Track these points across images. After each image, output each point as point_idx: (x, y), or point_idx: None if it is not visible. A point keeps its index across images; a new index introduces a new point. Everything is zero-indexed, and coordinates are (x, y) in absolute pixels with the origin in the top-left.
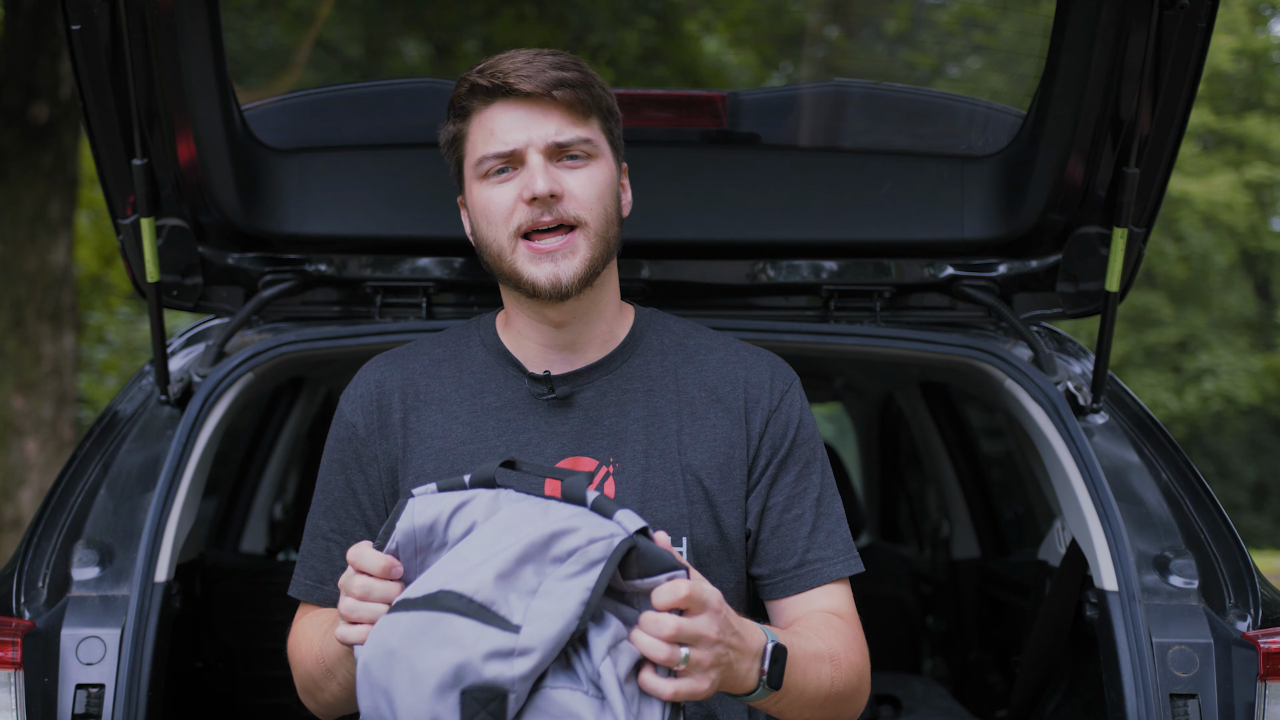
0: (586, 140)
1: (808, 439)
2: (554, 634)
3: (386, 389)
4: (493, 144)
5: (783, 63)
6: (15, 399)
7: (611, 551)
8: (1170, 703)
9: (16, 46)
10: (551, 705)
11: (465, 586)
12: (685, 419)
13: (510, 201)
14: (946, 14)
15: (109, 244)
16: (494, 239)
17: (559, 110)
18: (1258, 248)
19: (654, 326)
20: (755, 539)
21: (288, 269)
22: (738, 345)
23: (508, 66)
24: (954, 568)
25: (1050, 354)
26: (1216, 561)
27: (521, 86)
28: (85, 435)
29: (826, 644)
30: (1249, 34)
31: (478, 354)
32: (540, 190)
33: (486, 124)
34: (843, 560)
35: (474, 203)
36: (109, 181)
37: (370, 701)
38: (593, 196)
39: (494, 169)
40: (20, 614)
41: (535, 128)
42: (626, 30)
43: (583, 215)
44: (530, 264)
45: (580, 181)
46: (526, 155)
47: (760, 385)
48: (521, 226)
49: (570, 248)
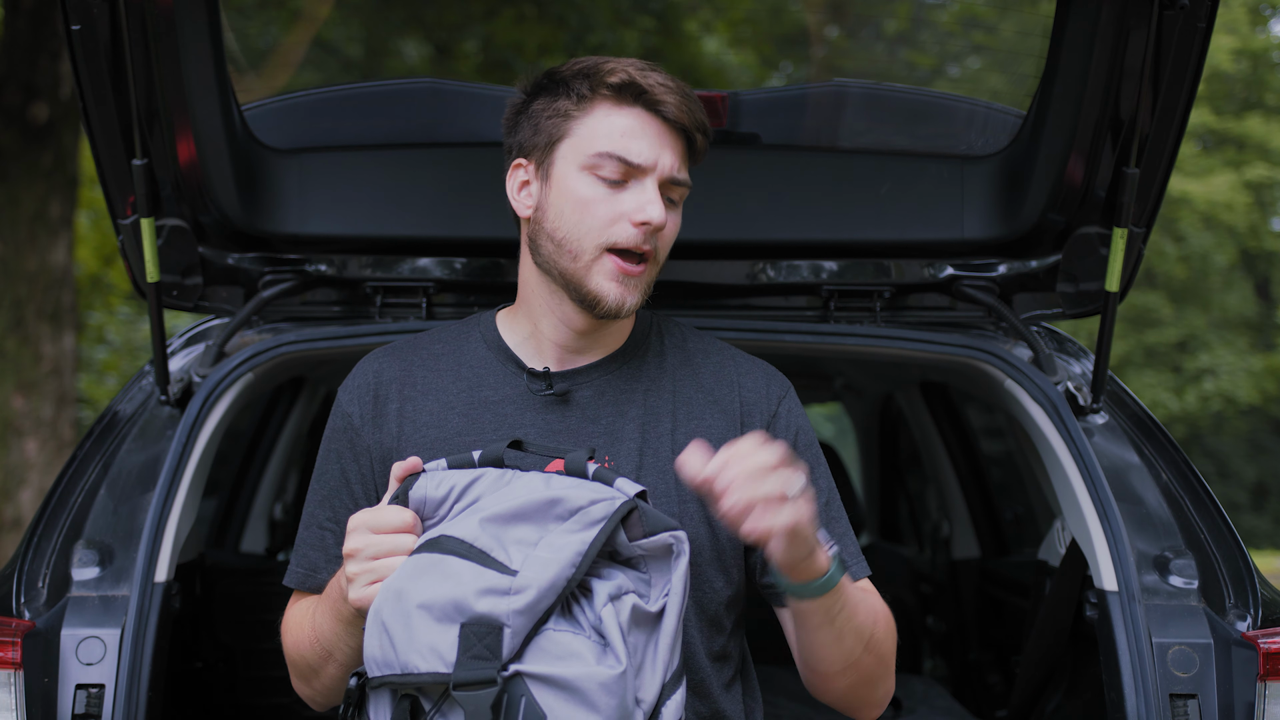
0: (687, 184)
1: (808, 445)
2: (549, 578)
3: (384, 379)
4: (625, 148)
5: (783, 63)
6: (15, 399)
7: (613, 511)
8: (1170, 703)
9: (16, 46)
10: (554, 645)
11: (464, 533)
12: (680, 419)
13: (616, 213)
14: (946, 14)
15: (109, 244)
16: (578, 239)
17: (681, 147)
18: (1258, 248)
19: (654, 329)
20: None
21: (288, 269)
22: (734, 352)
23: (655, 80)
24: (954, 568)
25: (1050, 354)
26: (1216, 561)
27: (667, 112)
28: (85, 435)
29: (863, 596)
30: (1249, 34)
31: (477, 349)
32: (658, 220)
33: (617, 121)
34: (854, 565)
35: (567, 190)
36: (109, 182)
37: (375, 642)
38: (671, 238)
39: (610, 169)
40: (20, 614)
41: (665, 154)
42: (626, 30)
43: (661, 252)
44: (606, 279)
45: (673, 221)
46: (646, 178)
47: (756, 390)
48: (618, 244)
49: (642, 277)
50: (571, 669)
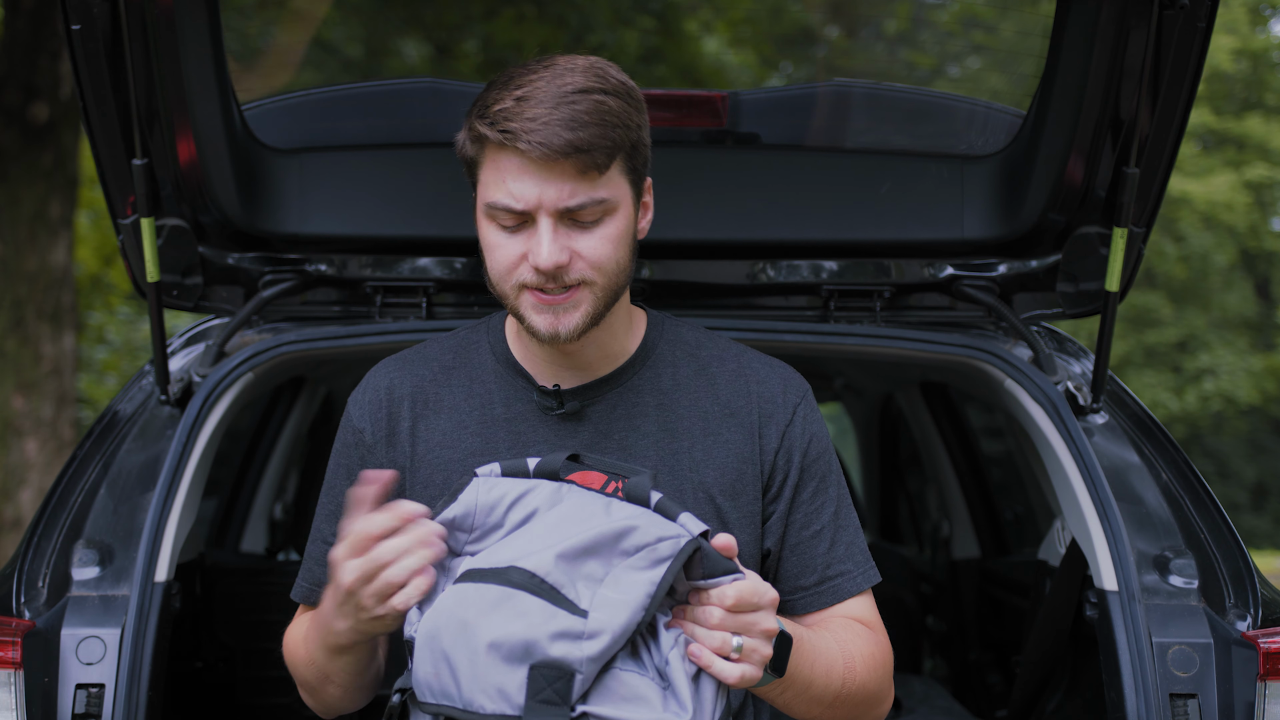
0: (600, 201)
1: (822, 453)
2: (621, 622)
3: (396, 395)
4: (501, 195)
5: (783, 63)
6: (15, 399)
7: (678, 550)
8: (1170, 702)
9: (16, 46)
10: (621, 686)
11: (535, 566)
12: (697, 435)
13: (516, 256)
14: (946, 14)
15: (109, 244)
16: (498, 282)
17: (572, 173)
18: (1258, 248)
19: (666, 336)
20: (776, 557)
21: (288, 269)
22: (750, 356)
23: (520, 124)
24: (954, 568)
25: (1050, 354)
26: (1216, 561)
27: (532, 154)
28: (85, 435)
29: (841, 646)
30: (1249, 34)
31: (487, 362)
32: (545, 264)
33: (498, 169)
34: (862, 573)
35: (482, 236)
36: (109, 181)
37: (431, 668)
38: (604, 256)
39: (502, 218)
40: (20, 614)
41: (546, 189)
42: (626, 30)
43: (591, 275)
44: (532, 311)
45: (592, 243)
46: (537, 217)
47: (773, 400)
48: (527, 284)
49: (573, 302)
50: (639, 714)
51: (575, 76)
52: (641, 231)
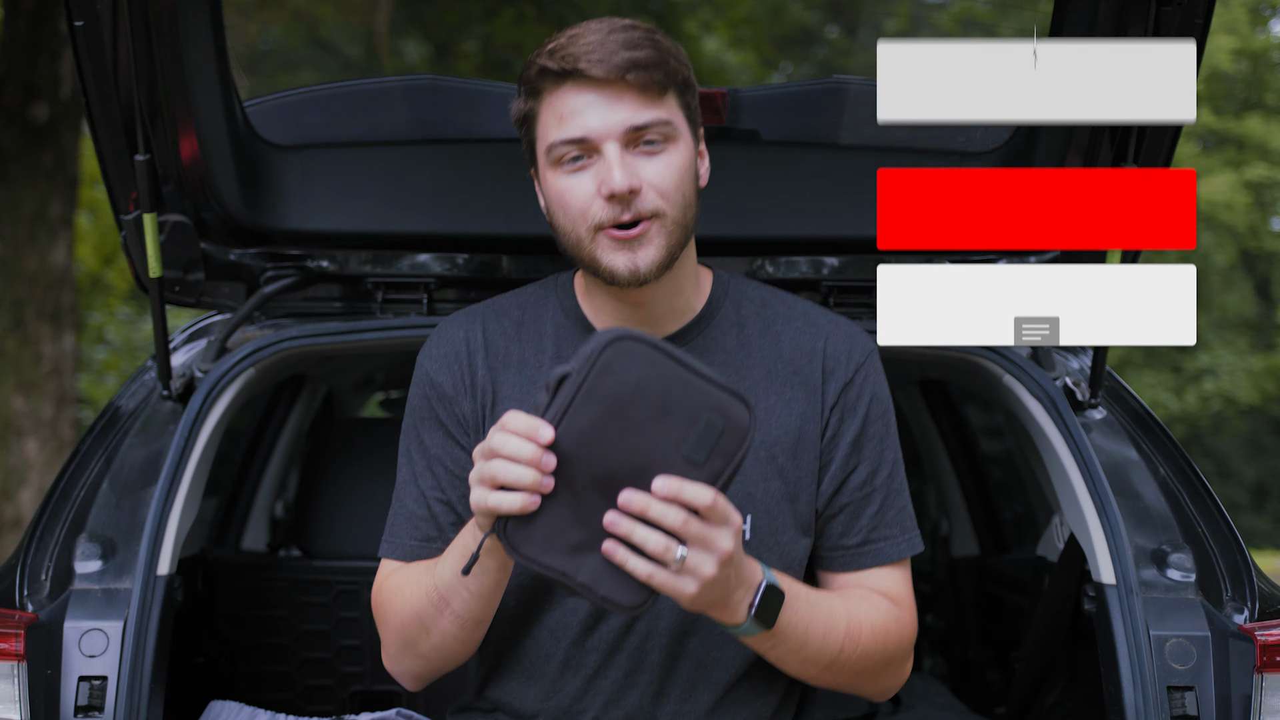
0: (665, 122)
1: (881, 414)
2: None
3: (472, 347)
4: (565, 129)
5: (782, 62)
6: (15, 399)
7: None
8: (1168, 695)
9: (16, 46)
10: None
11: None
12: (760, 393)
13: (588, 195)
14: (946, 14)
15: (109, 244)
16: (571, 229)
17: (633, 93)
18: (1258, 248)
19: (731, 295)
20: (827, 513)
21: (289, 265)
22: (816, 313)
23: (578, 49)
24: (953, 566)
25: (1048, 350)
26: (1214, 555)
27: (593, 72)
28: (87, 431)
29: (849, 613)
30: (1249, 34)
31: (556, 317)
32: (619, 187)
33: (557, 107)
34: (906, 540)
35: (549, 190)
36: (111, 177)
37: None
38: (671, 185)
39: (568, 156)
40: (24, 607)
41: (610, 113)
42: None
43: (661, 206)
44: (609, 252)
45: (659, 169)
46: (602, 145)
47: (836, 356)
48: (601, 223)
49: (647, 236)
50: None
51: (623, 21)
52: (702, 179)
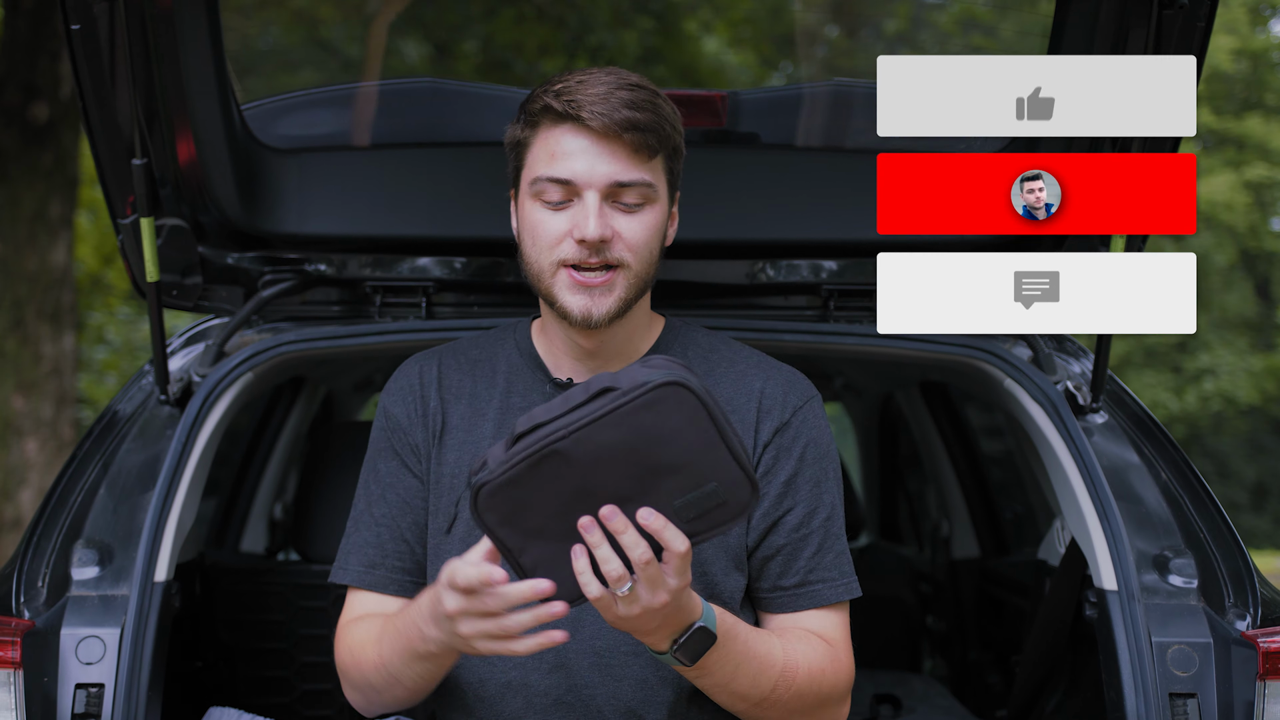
0: (648, 184)
1: (818, 458)
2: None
3: (425, 380)
4: (553, 167)
5: (783, 63)
6: (15, 399)
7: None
8: (1170, 702)
9: (16, 46)
10: None
11: None
12: None
13: (560, 233)
14: (946, 14)
15: (109, 244)
16: (536, 260)
17: (625, 150)
18: (1258, 248)
19: (680, 339)
20: (760, 553)
21: (287, 269)
22: (761, 359)
23: (583, 97)
24: (954, 567)
25: (1050, 353)
26: (1216, 561)
27: (592, 122)
28: (85, 435)
29: (786, 653)
30: (1249, 34)
31: (510, 356)
32: (591, 236)
33: (550, 144)
34: (844, 584)
35: (524, 218)
36: (108, 181)
37: None
38: (641, 242)
39: (549, 193)
40: (20, 613)
41: (599, 164)
42: (626, 30)
43: (628, 258)
44: (567, 291)
45: (632, 226)
46: (584, 191)
47: (773, 397)
48: (566, 259)
49: (608, 286)
50: None
51: (632, 77)
52: (669, 238)
